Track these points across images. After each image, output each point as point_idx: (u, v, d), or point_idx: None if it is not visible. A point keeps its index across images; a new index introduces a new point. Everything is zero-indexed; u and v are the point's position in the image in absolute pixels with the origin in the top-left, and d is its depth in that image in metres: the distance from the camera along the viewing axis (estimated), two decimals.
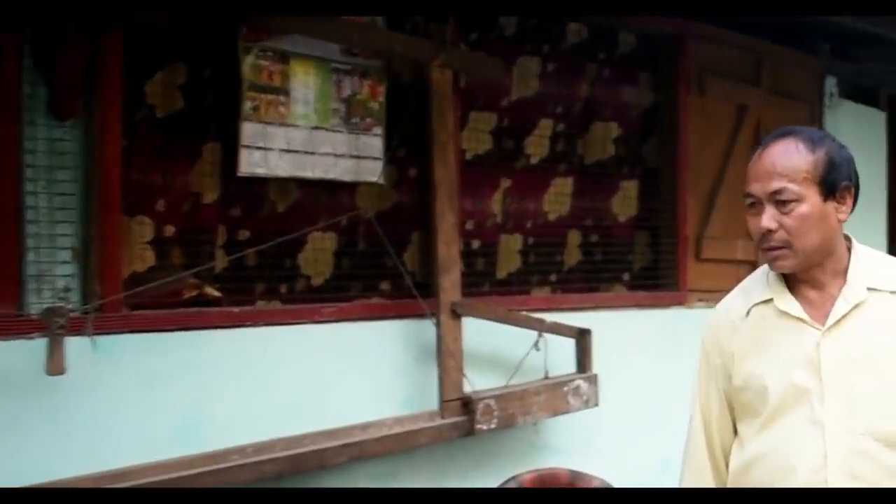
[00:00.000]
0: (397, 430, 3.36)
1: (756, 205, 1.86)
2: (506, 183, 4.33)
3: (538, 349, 3.81)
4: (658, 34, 4.79)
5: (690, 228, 4.90)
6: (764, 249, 1.88)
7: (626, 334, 4.44)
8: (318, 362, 3.41)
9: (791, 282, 1.92)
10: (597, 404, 3.95)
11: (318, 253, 3.65)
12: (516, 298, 4.16)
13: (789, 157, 1.84)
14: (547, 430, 4.03)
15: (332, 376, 3.44)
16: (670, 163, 4.89)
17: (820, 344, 1.85)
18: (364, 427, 3.33)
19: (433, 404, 3.56)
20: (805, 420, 1.83)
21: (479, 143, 4.21)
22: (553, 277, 4.51)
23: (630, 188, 4.86)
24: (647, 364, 4.44)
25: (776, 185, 1.82)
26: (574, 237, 4.63)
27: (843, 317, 1.85)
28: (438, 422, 3.48)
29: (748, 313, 1.95)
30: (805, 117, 5.35)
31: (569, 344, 3.97)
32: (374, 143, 3.64)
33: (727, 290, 5.03)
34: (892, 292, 1.87)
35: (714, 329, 2.02)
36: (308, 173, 3.46)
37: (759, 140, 5.26)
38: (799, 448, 1.82)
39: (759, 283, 1.98)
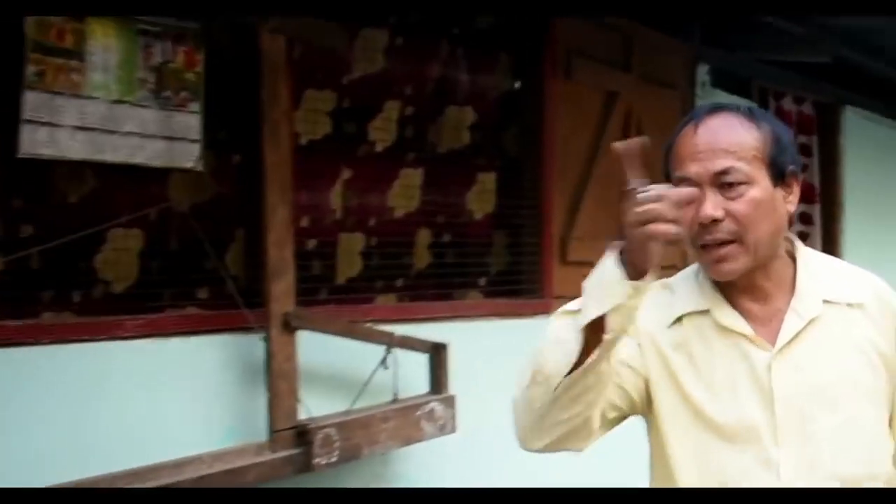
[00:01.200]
0: (218, 467, 3.15)
1: None
2: (346, 173, 4.23)
3: (386, 367, 3.70)
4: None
5: (556, 228, 4.90)
6: (703, 247, 1.70)
7: (484, 348, 4.38)
8: (119, 387, 3.20)
9: (727, 291, 1.77)
10: (454, 430, 3.87)
11: (120, 253, 3.46)
12: (359, 308, 4.05)
13: (734, 132, 1.69)
14: (397, 462, 3.93)
15: (137, 404, 3.23)
16: (533, 154, 4.89)
17: (772, 368, 1.70)
18: (177, 465, 3.10)
19: (261, 435, 3.39)
20: (755, 461, 1.68)
21: (315, 125, 4.09)
22: (399, 283, 4.43)
23: (487, 181, 4.84)
24: (509, 382, 4.35)
25: (722, 163, 1.66)
26: (424, 237, 4.57)
27: (797, 335, 1.71)
28: (268, 456, 3.30)
29: (674, 324, 1.77)
30: (677, 106, 5.45)
31: (421, 360, 3.87)
32: (189, 121, 3.43)
33: None
34: (849, 305, 1.75)
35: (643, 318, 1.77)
36: (107, 156, 3.23)
37: (629, 131, 5.36)
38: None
39: (689, 287, 1.81)
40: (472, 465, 4.16)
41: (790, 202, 1.74)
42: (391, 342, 3.72)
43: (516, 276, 4.83)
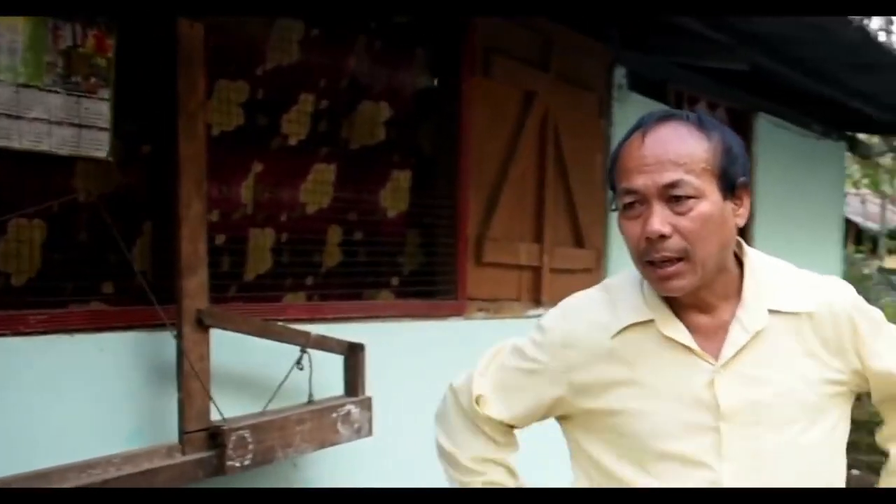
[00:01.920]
0: (127, 469, 3.08)
1: (636, 205, 1.66)
2: (258, 167, 4.18)
3: (301, 368, 3.67)
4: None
5: (471, 228, 4.94)
6: (649, 264, 1.67)
7: (397, 350, 4.40)
8: (20, 385, 3.12)
9: (672, 301, 1.73)
10: (370, 433, 3.87)
11: (22, 245, 3.37)
12: (272, 306, 4.02)
13: (684, 143, 1.65)
14: (311, 466, 3.91)
15: (39, 403, 3.15)
16: (449, 152, 4.92)
17: (715, 383, 1.68)
18: (83, 468, 3.02)
19: (171, 437, 3.34)
20: (696, 481, 1.68)
21: (227, 117, 4.02)
22: (310, 281, 4.41)
23: (402, 179, 4.85)
24: (423, 385, 4.36)
25: (671, 176, 1.62)
26: (335, 234, 4.55)
27: (742, 349, 1.69)
28: (179, 458, 3.24)
29: (618, 334, 1.74)
30: (594, 108, 5.56)
31: (336, 361, 3.86)
32: (99, 109, 3.34)
33: (509, 300, 5.08)
34: (794, 314, 1.72)
35: (565, 344, 1.78)
36: (12, 143, 3.12)
37: (546, 131, 5.46)
38: None
39: (631, 295, 1.77)
40: (387, 468, 4.16)
41: (740, 215, 1.72)
42: (307, 342, 3.69)
43: (430, 276, 4.85)
